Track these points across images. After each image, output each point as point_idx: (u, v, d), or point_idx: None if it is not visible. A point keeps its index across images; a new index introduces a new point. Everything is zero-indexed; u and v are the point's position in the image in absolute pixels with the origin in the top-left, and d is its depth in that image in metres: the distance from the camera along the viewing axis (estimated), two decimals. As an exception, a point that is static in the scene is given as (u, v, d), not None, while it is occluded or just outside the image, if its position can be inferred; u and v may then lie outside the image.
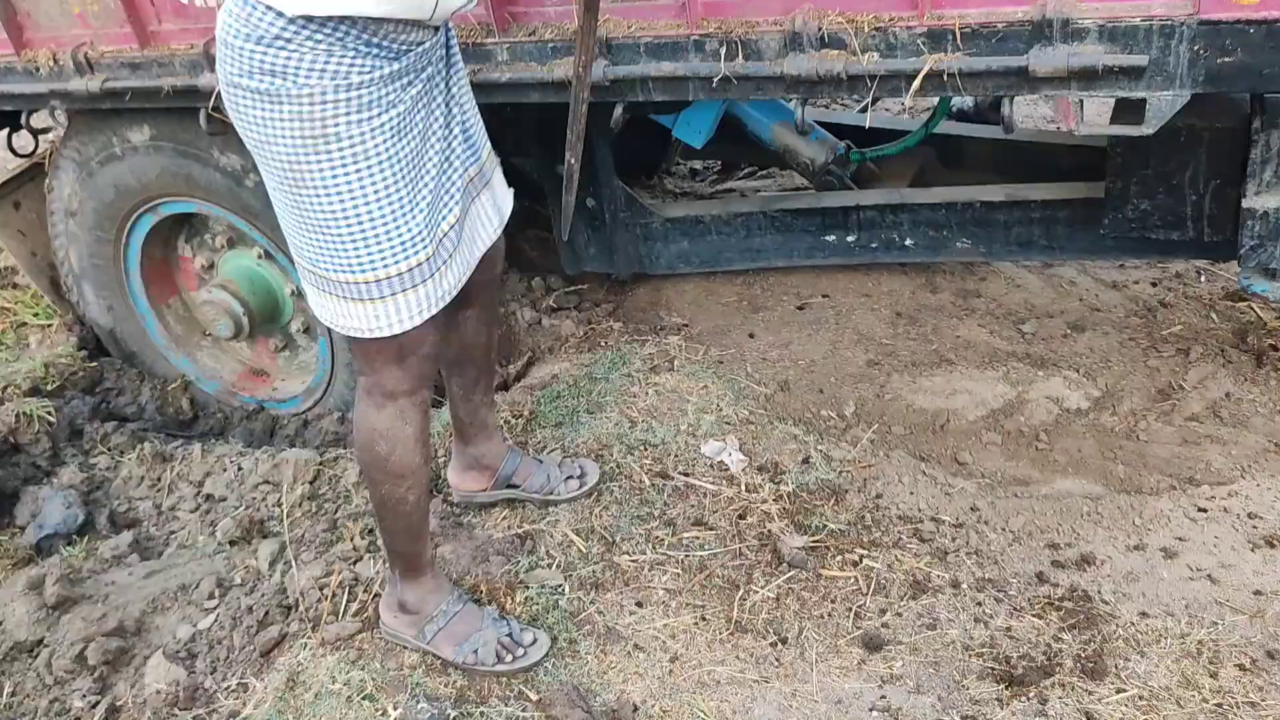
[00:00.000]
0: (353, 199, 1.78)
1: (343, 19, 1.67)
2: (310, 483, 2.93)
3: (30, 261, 3.79)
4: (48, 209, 3.53)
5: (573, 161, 2.19)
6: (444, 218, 1.96)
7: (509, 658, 2.18)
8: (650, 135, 3.49)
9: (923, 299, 3.51)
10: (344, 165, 1.75)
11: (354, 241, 1.82)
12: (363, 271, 1.85)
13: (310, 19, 1.66)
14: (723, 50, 2.27)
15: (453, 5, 1.84)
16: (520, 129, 3.19)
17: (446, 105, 1.97)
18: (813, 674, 2.19)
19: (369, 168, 1.77)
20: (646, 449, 2.79)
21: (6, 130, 3.59)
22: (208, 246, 3.53)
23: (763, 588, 2.40)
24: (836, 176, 3.60)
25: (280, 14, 1.65)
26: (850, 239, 3.33)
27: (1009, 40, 2.04)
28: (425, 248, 1.88)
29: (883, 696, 2.14)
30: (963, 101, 3.88)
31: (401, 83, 1.79)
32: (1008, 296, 3.52)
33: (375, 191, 1.79)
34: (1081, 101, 2.09)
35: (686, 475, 2.71)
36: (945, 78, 2.09)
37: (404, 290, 1.89)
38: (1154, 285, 3.56)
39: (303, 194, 1.80)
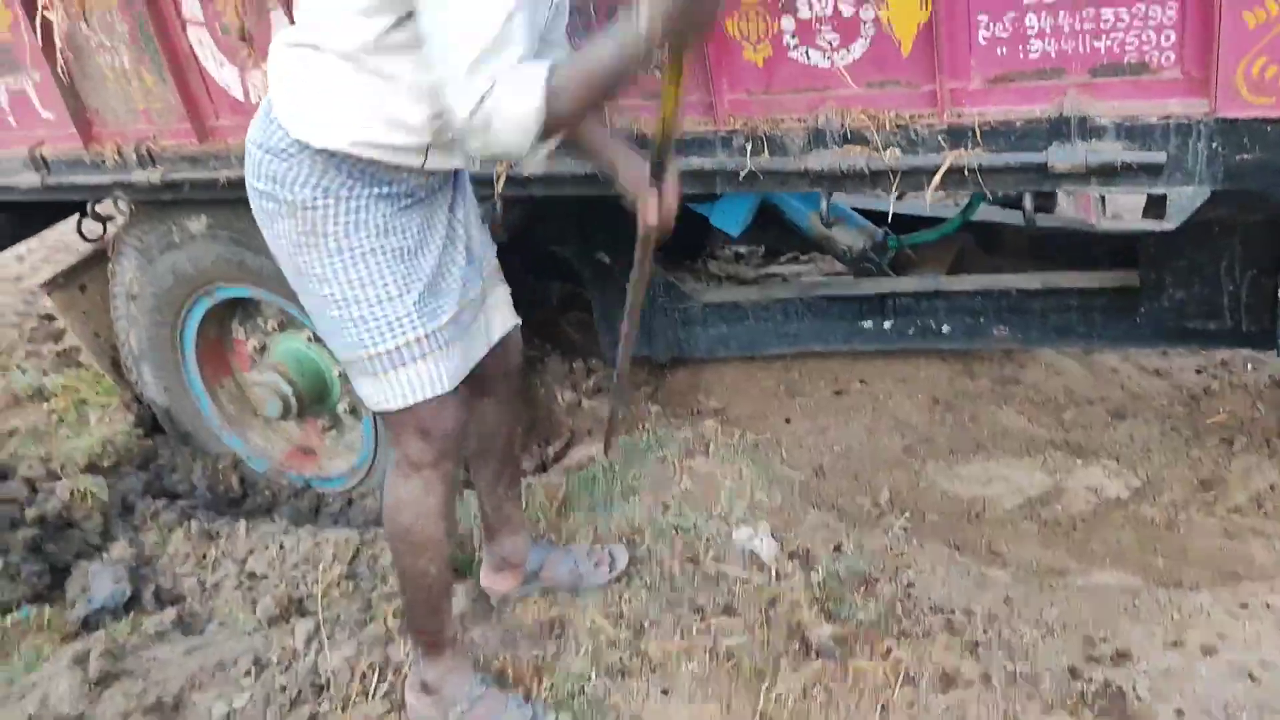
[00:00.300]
0: (341, 285, 1.96)
1: (336, 150, 1.88)
2: (349, 562, 2.98)
3: (93, 342, 3.94)
4: (110, 292, 3.68)
5: (622, 373, 2.48)
6: (441, 312, 2.07)
7: (531, 743, 2.19)
8: (692, 220, 3.56)
9: (961, 385, 3.51)
10: (332, 257, 1.94)
11: (350, 322, 1.99)
12: (361, 349, 2.01)
13: (306, 143, 1.87)
14: (749, 146, 2.33)
15: (447, 163, 2.02)
16: (559, 219, 3.28)
17: (449, 225, 2.12)
18: (839, 769, 2.17)
19: (352, 259, 1.94)
20: (678, 534, 2.81)
21: (76, 216, 3.76)
22: (260, 329, 3.65)
23: (790, 678, 2.38)
24: (874, 263, 3.63)
25: (286, 131, 1.88)
26: (887, 325, 3.35)
27: (1028, 137, 2.08)
28: (414, 329, 2.00)
29: (909, 793, 2.11)
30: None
31: (391, 199, 1.96)
32: (1047, 383, 3.50)
33: (360, 278, 1.95)
34: (1103, 197, 2.12)
35: (717, 562, 2.72)
36: (966, 173, 2.13)
37: (401, 365, 2.02)
38: (1198, 373, 3.52)
39: (306, 282, 2.00)
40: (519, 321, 2.42)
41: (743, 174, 2.36)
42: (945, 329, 3.28)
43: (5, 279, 5.23)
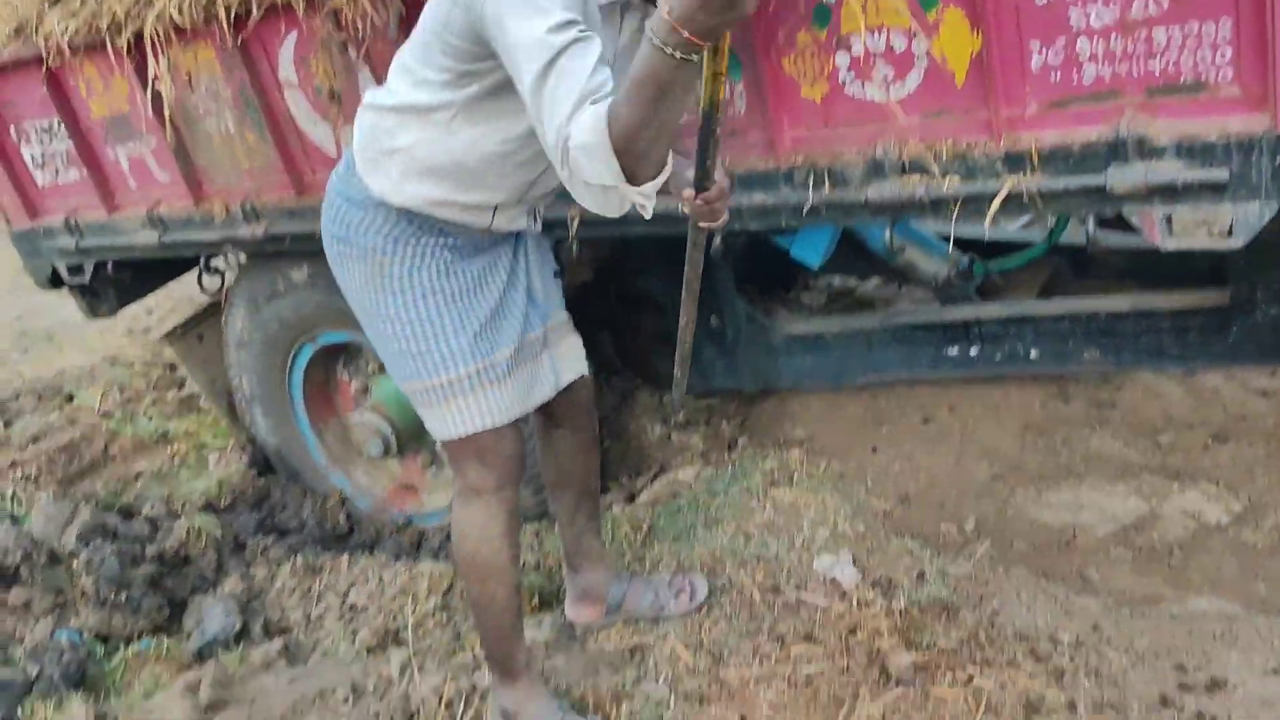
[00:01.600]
0: (401, 322, 2.12)
1: (409, 208, 2.03)
2: (443, 594, 3.08)
3: (210, 388, 4.18)
4: (224, 341, 3.89)
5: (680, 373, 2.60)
6: (498, 348, 2.18)
7: (609, 769, 2.24)
8: (779, 253, 3.60)
9: (1053, 410, 3.45)
10: (395, 296, 2.10)
11: (410, 355, 2.14)
12: (419, 379, 2.15)
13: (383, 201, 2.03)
14: (810, 180, 2.37)
15: (512, 225, 2.16)
16: (644, 253, 3.36)
17: (511, 268, 2.23)
18: (915, 796, 2.16)
19: (414, 298, 2.10)
20: (759, 563, 2.83)
21: (197, 271, 3.99)
22: (362, 372, 3.82)
23: (869, 705, 2.38)
24: (960, 290, 3.61)
25: (366, 186, 2.04)
26: (973, 352, 3.32)
27: (1086, 160, 2.07)
28: (470, 363, 2.13)
29: (988, 822, 2.09)
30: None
31: (456, 253, 2.11)
32: (1145, 406, 3.42)
33: (418, 316, 2.11)
34: (1169, 217, 2.09)
35: (798, 590, 2.73)
36: (1025, 198, 2.13)
37: (458, 396, 2.15)
38: (1308, 392, 3.39)
39: (373, 319, 2.16)
40: (588, 373, 2.52)
41: (805, 208, 2.40)
42: (1034, 354, 3.24)
43: (135, 331, 5.56)
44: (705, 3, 1.50)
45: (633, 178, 1.71)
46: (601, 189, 1.77)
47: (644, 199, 1.77)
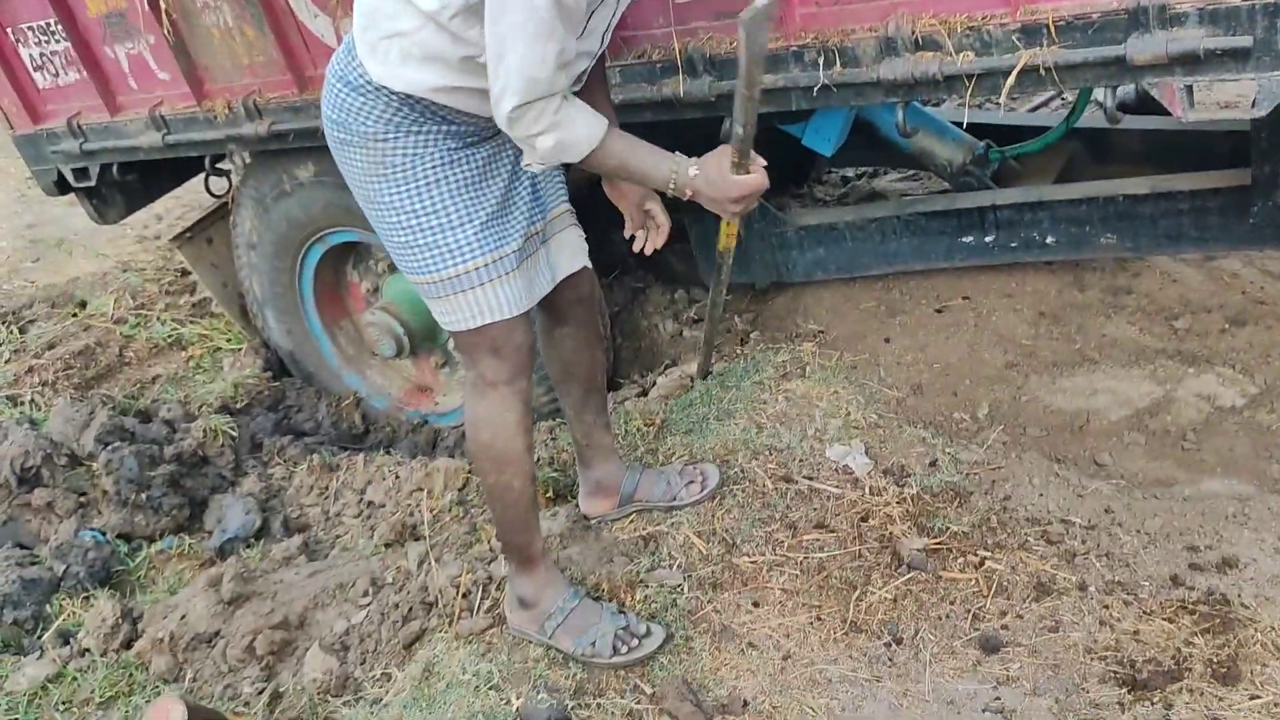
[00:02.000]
0: (407, 214, 2.07)
1: (410, 94, 1.97)
2: (459, 489, 3.11)
3: (222, 292, 4.17)
4: (233, 243, 3.88)
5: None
6: (506, 241, 2.15)
7: (624, 649, 2.27)
8: (790, 144, 3.54)
9: (1069, 297, 3.41)
10: (400, 186, 2.05)
11: (416, 248, 2.10)
12: (428, 272, 2.12)
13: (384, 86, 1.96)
14: (820, 59, 2.31)
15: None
16: (658, 144, 3.30)
17: (515, 159, 2.17)
18: (926, 674, 2.19)
19: (419, 189, 2.05)
20: (771, 454, 2.83)
21: (204, 174, 3.95)
22: (372, 272, 3.81)
23: (880, 589, 2.41)
24: (976, 177, 3.55)
25: (366, 72, 1.97)
26: (988, 239, 3.28)
27: (1105, 30, 2.00)
28: (478, 255, 2.10)
29: (997, 698, 2.12)
30: (1124, 92, 3.74)
31: (458, 140, 2.05)
32: (1161, 292, 3.38)
33: (424, 207, 2.06)
34: (1190, 89, 2.03)
35: (810, 479, 2.74)
36: (1042, 72, 2.07)
37: (469, 289, 2.12)
38: (1329, 274, 3.34)
39: (374, 210, 2.11)
40: (588, 264, 2.47)
41: (816, 89, 2.34)
42: (1050, 240, 3.20)
43: (145, 237, 5.54)
44: (714, 205, 2.10)
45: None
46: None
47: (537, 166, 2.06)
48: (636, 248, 2.47)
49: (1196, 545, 2.42)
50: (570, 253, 2.40)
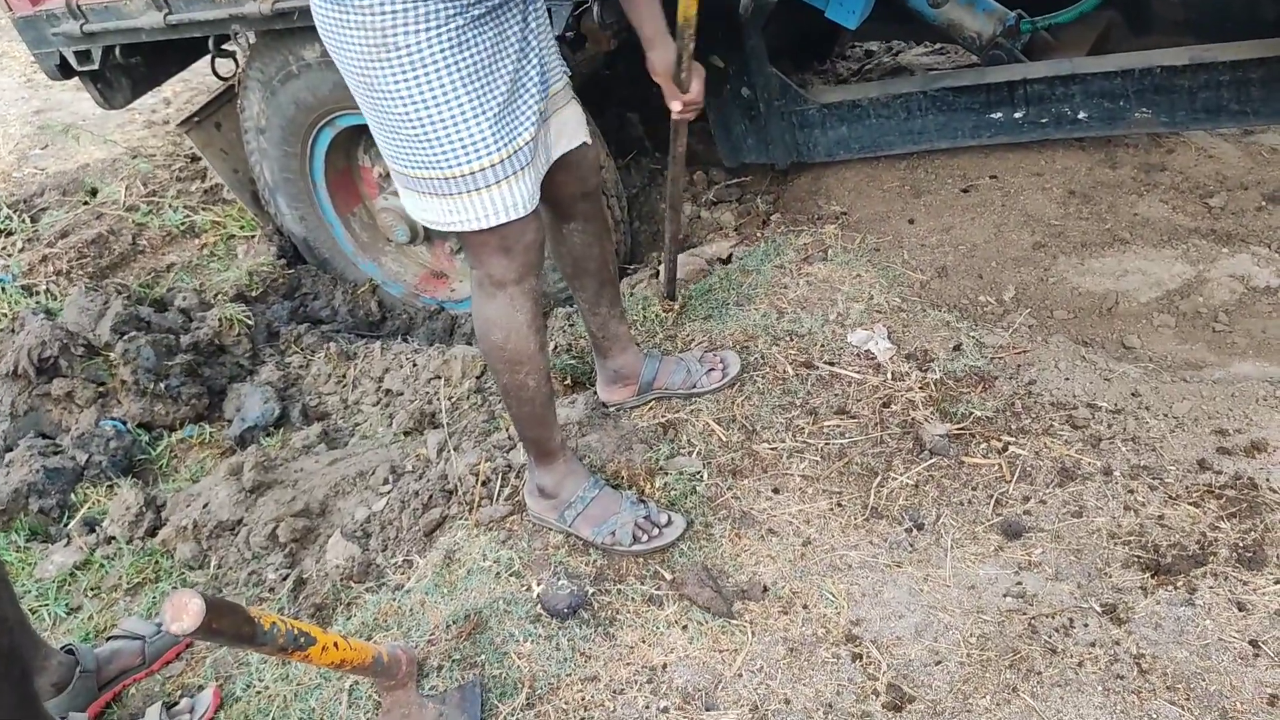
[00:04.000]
0: (414, 104, 1.85)
1: None
2: (477, 377, 3.09)
3: (232, 178, 4.09)
4: (241, 127, 3.79)
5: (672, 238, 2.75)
6: (519, 133, 1.98)
7: (645, 538, 2.27)
8: (816, 20, 3.39)
9: (1100, 175, 3.31)
10: (404, 72, 1.82)
11: (424, 141, 1.90)
12: (437, 169, 1.93)
13: None
14: (845, -76, 2.18)
15: None
16: (667, 22, 3.17)
17: (523, 35, 1.99)
18: (946, 560, 2.18)
19: (427, 75, 1.83)
20: (792, 339, 2.79)
21: (210, 57, 3.84)
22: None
23: (902, 475, 2.38)
24: (1006, 50, 3.41)
25: None
26: (1018, 115, 3.17)
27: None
28: (494, 152, 1.93)
29: (1018, 583, 2.11)
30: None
31: (462, 3, 1.83)
32: (1196, 169, 3.27)
33: (434, 97, 1.85)
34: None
35: (831, 365, 2.70)
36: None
37: (482, 189, 1.95)
38: (1372, 148, 3.22)
39: (375, 98, 1.89)
40: (589, 141, 2.32)
41: (841, -45, 2.22)
42: (1082, 115, 3.09)
43: (154, 123, 5.44)
44: None
45: None
46: None
47: None
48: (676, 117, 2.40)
49: (1225, 429, 2.38)
50: (571, 130, 2.26)
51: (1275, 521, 2.13)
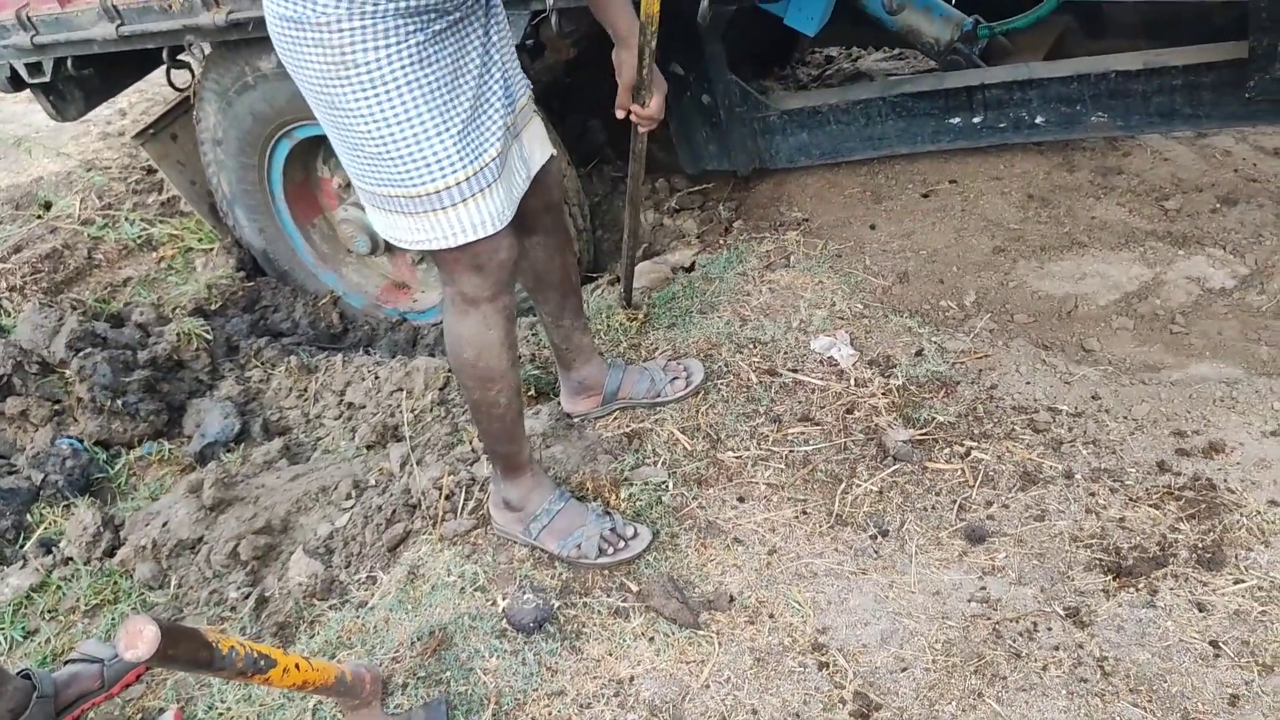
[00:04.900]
0: (376, 122, 1.82)
1: None
2: (440, 389, 3.07)
3: (189, 190, 4.05)
4: (198, 139, 3.74)
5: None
6: (484, 149, 1.96)
7: (610, 550, 2.26)
8: (775, 27, 3.40)
9: (1058, 179, 3.34)
10: (364, 90, 1.79)
11: (388, 160, 1.87)
12: (402, 187, 1.90)
13: None
14: (801, -67, 2.19)
15: None
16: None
17: (485, 49, 1.97)
18: (911, 566, 2.19)
19: (389, 93, 1.80)
20: (756, 347, 2.79)
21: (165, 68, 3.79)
22: (343, 167, 3.68)
23: (866, 481, 2.39)
24: (964, 55, 3.44)
25: None
26: (976, 120, 3.19)
27: (1102, -104, 1.89)
28: (460, 168, 1.90)
29: (982, 588, 2.12)
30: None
31: (423, 19, 1.81)
32: (1152, 172, 3.31)
33: (396, 115, 1.82)
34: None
35: (794, 372, 2.70)
36: (1035, -57, 1.96)
37: (450, 206, 1.92)
38: (1322, 150, 3.27)
39: (336, 116, 1.86)
40: (555, 153, 2.32)
41: (798, -37, 2.23)
42: (1039, 120, 3.11)
43: (109, 134, 5.38)
44: None
45: None
46: None
47: None
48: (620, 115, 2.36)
49: (1184, 430, 2.41)
50: (539, 143, 2.24)
51: (1234, 522, 2.15)
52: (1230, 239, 2.96)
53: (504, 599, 2.23)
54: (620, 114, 2.34)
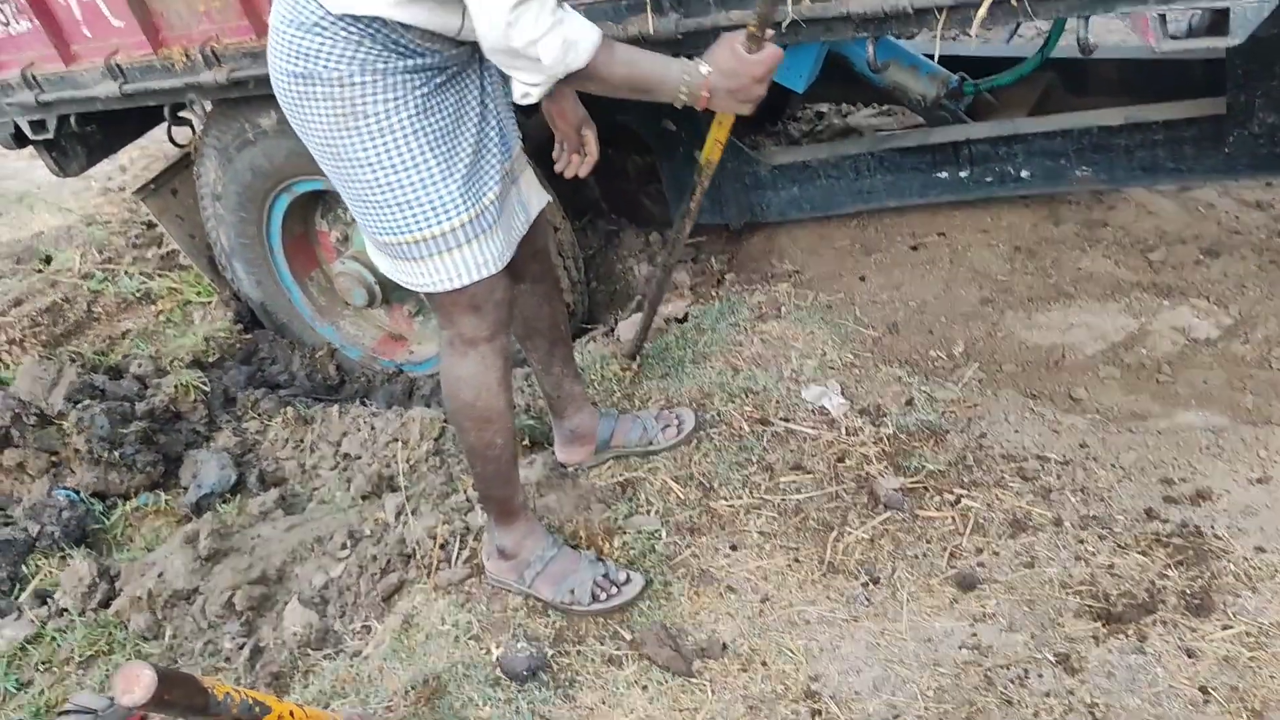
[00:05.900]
0: (384, 169, 1.91)
1: (374, 18, 1.81)
2: (435, 439, 3.09)
3: (189, 244, 4.09)
4: (198, 194, 3.80)
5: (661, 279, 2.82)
6: (484, 192, 2.05)
7: (604, 596, 2.28)
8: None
9: (1044, 231, 3.39)
10: (373, 139, 1.89)
11: (394, 206, 1.96)
12: (407, 232, 1.98)
13: (346, 14, 1.80)
14: (789, -6, 2.26)
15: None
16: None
17: (481, 100, 2.06)
18: (903, 613, 2.21)
19: (395, 141, 1.89)
20: (748, 396, 2.83)
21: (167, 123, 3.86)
22: (340, 220, 3.74)
23: (857, 529, 2.41)
24: (950, 111, 3.51)
25: (321, 4, 1.80)
26: (963, 174, 3.25)
27: (1077, -41, 1.96)
28: (462, 212, 1.99)
29: (973, 634, 2.13)
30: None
31: (425, 74, 1.90)
32: (1137, 224, 3.36)
33: (404, 162, 1.91)
34: (1163, 17, 2.00)
35: (786, 421, 2.73)
36: (1014, 3, 2.03)
37: (453, 249, 2.00)
38: (1303, 203, 3.33)
39: (343, 167, 1.94)
40: (550, 199, 2.41)
41: (785, 23, 2.29)
42: (1025, 174, 3.17)
43: (110, 189, 5.44)
44: (735, 96, 1.91)
45: (561, 79, 1.82)
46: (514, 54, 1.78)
47: (538, 88, 1.84)
48: (558, 169, 2.43)
49: (1171, 478, 2.44)
50: (535, 190, 2.33)
51: (1221, 568, 2.17)
52: (1214, 290, 3.01)
53: (498, 647, 2.24)
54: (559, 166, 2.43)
